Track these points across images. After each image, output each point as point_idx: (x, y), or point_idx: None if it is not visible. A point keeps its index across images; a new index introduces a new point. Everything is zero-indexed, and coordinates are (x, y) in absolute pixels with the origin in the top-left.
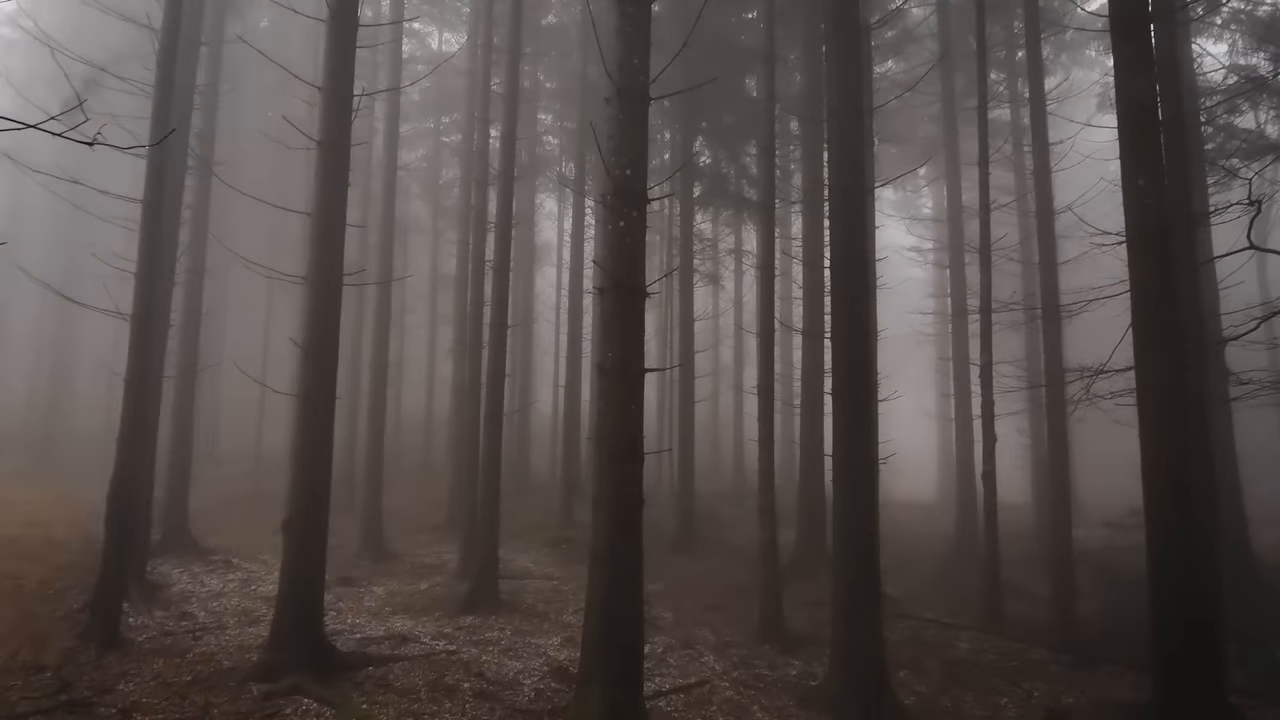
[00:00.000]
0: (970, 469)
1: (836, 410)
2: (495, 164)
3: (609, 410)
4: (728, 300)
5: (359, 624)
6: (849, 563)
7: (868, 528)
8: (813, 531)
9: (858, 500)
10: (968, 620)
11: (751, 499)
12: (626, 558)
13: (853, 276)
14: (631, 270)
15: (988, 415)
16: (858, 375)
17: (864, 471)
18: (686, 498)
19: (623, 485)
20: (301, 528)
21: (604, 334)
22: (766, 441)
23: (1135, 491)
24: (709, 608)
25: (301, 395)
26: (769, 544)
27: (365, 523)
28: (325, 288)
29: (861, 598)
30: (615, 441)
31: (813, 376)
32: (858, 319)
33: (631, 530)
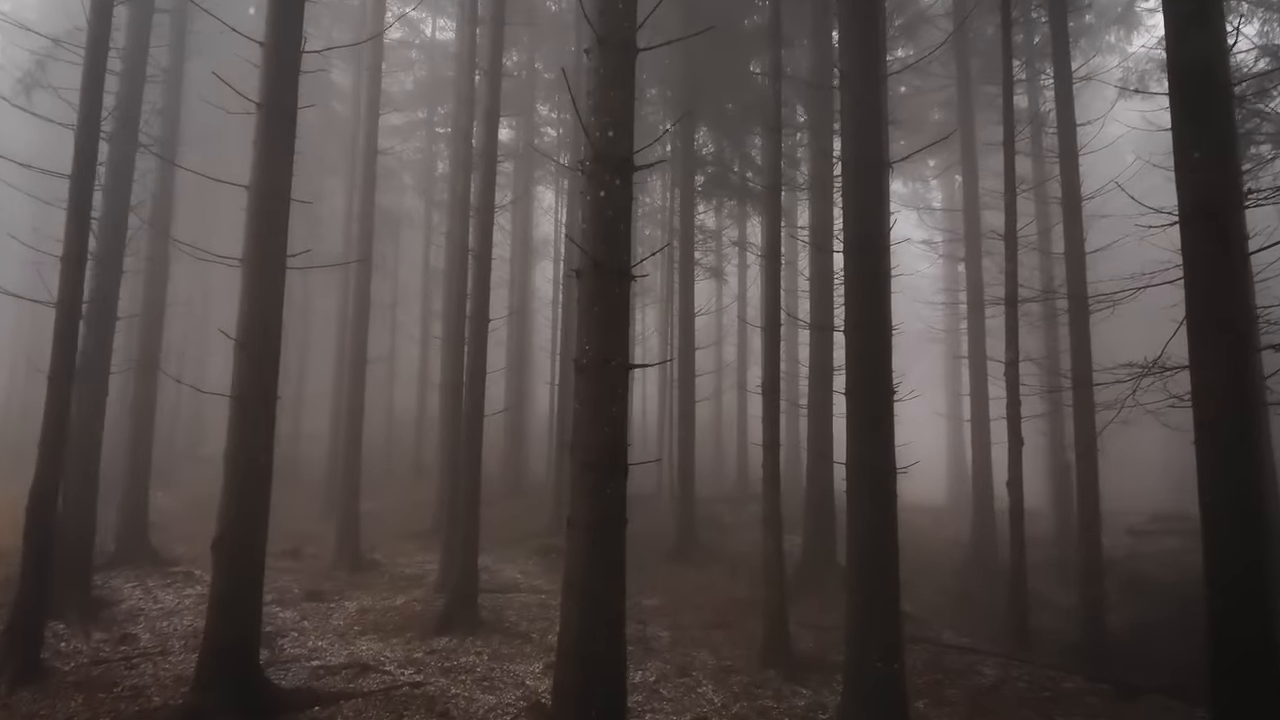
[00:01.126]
0: (987, 473)
1: (850, 411)
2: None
3: (586, 413)
4: (731, 295)
5: (319, 649)
6: (864, 585)
7: (885, 544)
8: (821, 537)
9: (874, 514)
10: (991, 639)
11: (756, 502)
12: (605, 590)
13: (868, 260)
14: (613, 248)
15: (1013, 417)
16: (873, 371)
17: (881, 480)
18: (687, 502)
19: (601, 503)
20: (233, 547)
21: (581, 324)
22: (772, 445)
23: (1157, 495)
24: (709, 625)
25: (236, 395)
26: (774, 558)
27: (341, 530)
28: (265, 272)
29: (878, 624)
30: (592, 450)
31: (821, 374)
32: (873, 307)
33: (611, 557)
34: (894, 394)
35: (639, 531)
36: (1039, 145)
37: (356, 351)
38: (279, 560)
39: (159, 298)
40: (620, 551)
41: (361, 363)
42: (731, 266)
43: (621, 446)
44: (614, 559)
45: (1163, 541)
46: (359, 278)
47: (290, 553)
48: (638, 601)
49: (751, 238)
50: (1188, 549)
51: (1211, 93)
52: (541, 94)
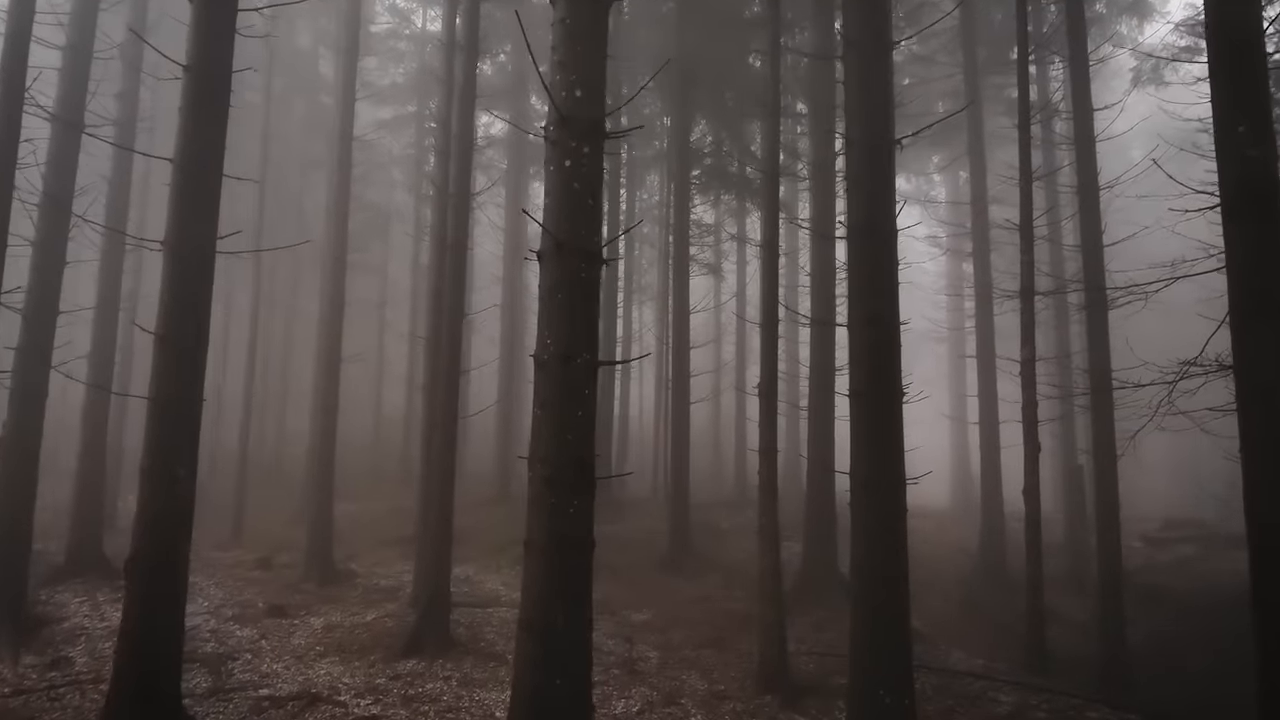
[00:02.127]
0: (996, 477)
1: (855, 416)
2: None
3: (546, 418)
4: (730, 293)
5: (271, 675)
6: (869, 610)
7: (892, 566)
8: (822, 545)
9: (881, 532)
10: (1004, 658)
11: (754, 507)
12: (568, 628)
13: (874, 247)
14: (580, 227)
15: (1029, 419)
16: (880, 369)
17: (888, 495)
18: (680, 507)
19: (563, 524)
20: (149, 568)
21: (542, 313)
22: (769, 451)
23: (1170, 500)
24: (702, 642)
25: (155, 397)
26: (770, 573)
27: (313, 538)
28: (190, 256)
29: (885, 653)
30: (553, 462)
31: (822, 374)
32: (880, 299)
33: (575, 589)
34: (903, 395)
35: (631, 539)
36: (1049, 134)
37: (330, 347)
38: (249, 570)
39: (113, 293)
40: (585, 582)
41: (335, 359)
42: (730, 264)
43: (588, 457)
44: (578, 591)
45: (1178, 549)
46: (333, 270)
47: (261, 562)
48: (626, 617)
49: (751, 234)
50: (1204, 557)
51: (1256, 59)
52: (534, 85)
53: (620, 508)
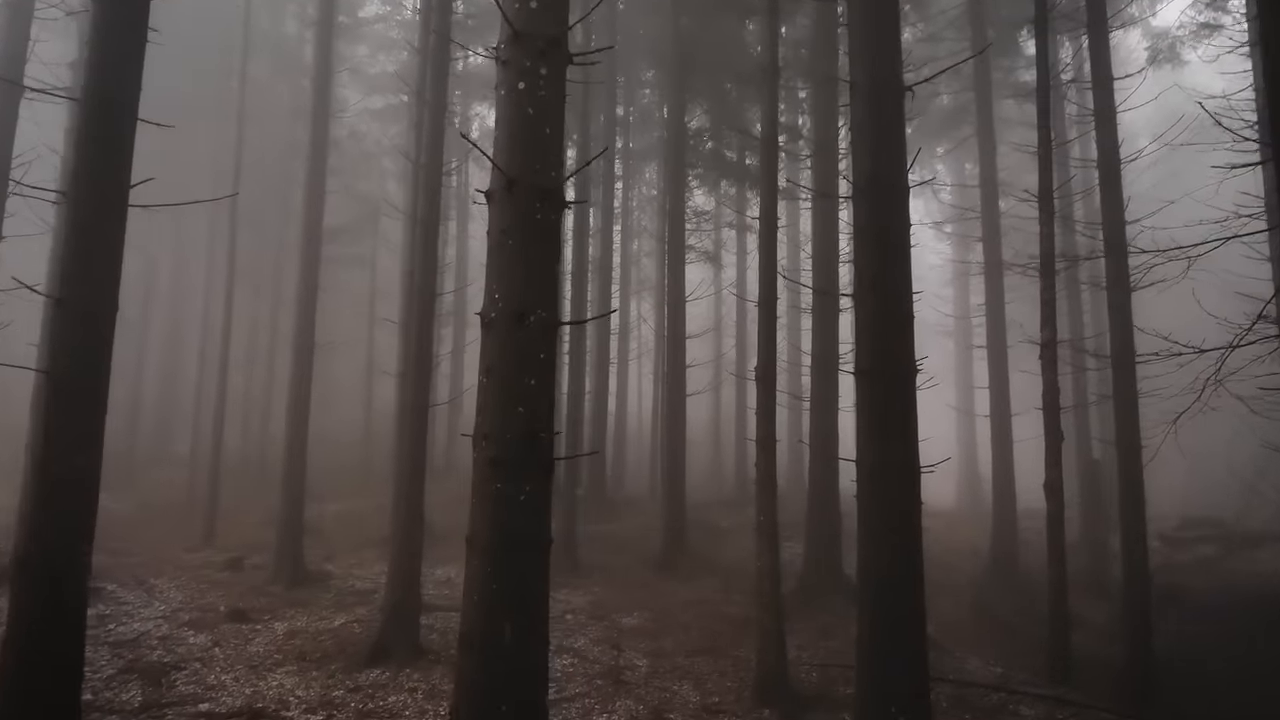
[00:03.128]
0: (1008, 472)
1: (861, 396)
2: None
3: (493, 387)
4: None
5: (217, 687)
6: (879, 616)
7: (906, 565)
8: (825, 546)
9: (892, 526)
10: (1022, 666)
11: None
12: (516, 644)
13: (884, 204)
14: (535, 160)
15: (1051, 405)
16: (890, 344)
17: (899, 484)
18: (675, 504)
19: (512, 515)
20: (41, 570)
21: (491, 264)
22: (767, 441)
23: (1187, 498)
24: (696, 649)
25: (50, 369)
26: (770, 575)
27: (282, 538)
28: (96, 206)
29: (897, 666)
30: (501, 441)
31: (825, 358)
32: (890, 263)
33: (526, 595)
34: (917, 372)
35: (624, 538)
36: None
37: (304, 332)
38: (216, 572)
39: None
40: (538, 587)
41: (309, 346)
42: (730, 255)
43: (544, 435)
44: (529, 598)
45: (1198, 549)
46: (306, 253)
47: (230, 563)
48: (614, 621)
49: (751, 222)
50: (1222, 557)
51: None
52: None
53: (615, 507)
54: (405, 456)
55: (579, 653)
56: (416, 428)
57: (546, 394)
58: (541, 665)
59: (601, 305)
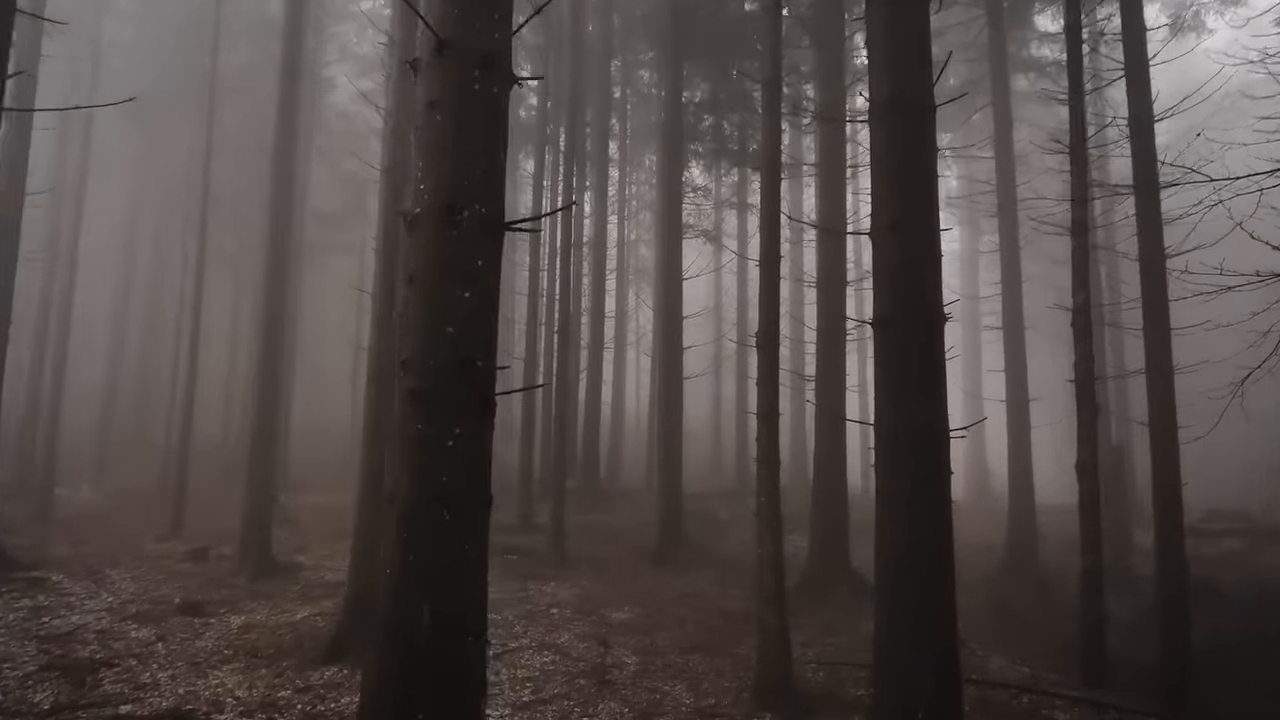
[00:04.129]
0: (1025, 461)
1: (881, 349)
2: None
3: (418, 301)
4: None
5: (149, 685)
6: (901, 605)
7: (934, 543)
8: (831, 536)
9: (917, 499)
10: (1048, 664)
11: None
12: (438, 630)
13: (907, 126)
14: (474, 17)
15: (1085, 376)
16: (912, 287)
17: (926, 450)
18: (671, 494)
19: (439, 465)
20: None
21: (418, 147)
22: (769, 415)
23: (1212, 490)
24: (690, 646)
25: None
26: (771, 564)
27: (248, 527)
28: None
29: (923, 666)
30: (423, 368)
31: (832, 332)
32: (916, 194)
33: (454, 567)
34: (946, 319)
35: (618, 529)
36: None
37: (271, 311)
38: (178, 563)
39: (7, 269)
40: (473, 559)
41: (277, 325)
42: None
43: (482, 363)
44: (460, 571)
45: (1223, 543)
46: (275, 220)
47: (195, 554)
48: (604, 616)
49: (751, 200)
50: (1253, 551)
51: None
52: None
53: (609, 497)
54: (370, 443)
55: (562, 649)
56: (371, 394)
57: (485, 312)
58: (474, 662)
59: (595, 288)
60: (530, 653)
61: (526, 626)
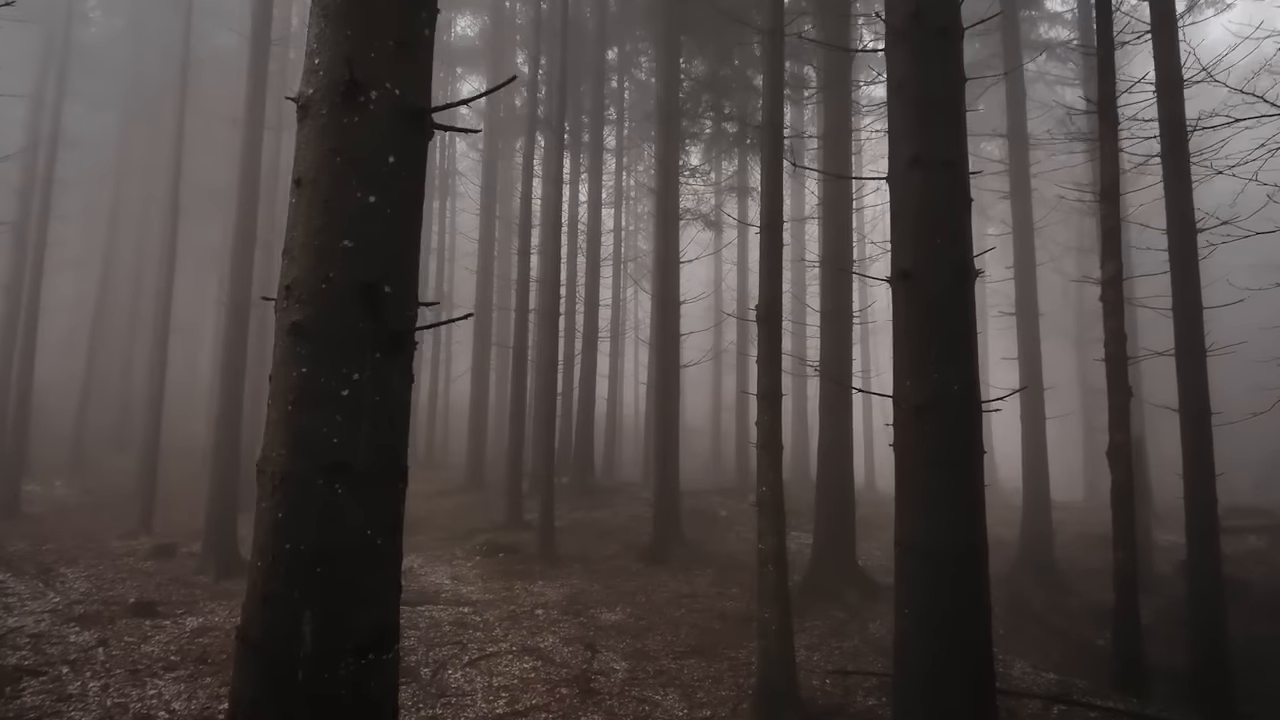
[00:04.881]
0: (1040, 454)
1: (902, 309)
2: None
3: (304, 204)
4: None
5: (76, 696)
6: (925, 607)
7: (961, 535)
8: (838, 531)
9: (944, 481)
10: (1070, 668)
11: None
12: (323, 642)
13: (930, 49)
14: None
15: (1116, 355)
16: (942, 235)
17: (953, 423)
18: (667, 489)
19: (322, 416)
20: None
21: (312, 18)
22: (771, 395)
23: (1231, 486)
24: (685, 651)
25: None
26: (773, 560)
27: (211, 523)
28: None
29: (952, 674)
30: (312, 292)
31: (837, 312)
32: (941, 128)
33: (348, 558)
34: (978, 274)
35: (611, 526)
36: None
37: (237, 290)
38: (141, 560)
39: None
40: (381, 548)
41: (244, 305)
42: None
43: (391, 289)
44: (356, 563)
45: (1246, 541)
46: (242, 200)
47: (160, 550)
48: (593, 617)
49: (752, 184)
50: (1273, 547)
51: None
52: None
53: (604, 494)
54: (230, 394)
55: (544, 654)
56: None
57: (399, 225)
58: (379, 687)
59: (590, 278)
60: (509, 658)
61: (508, 629)
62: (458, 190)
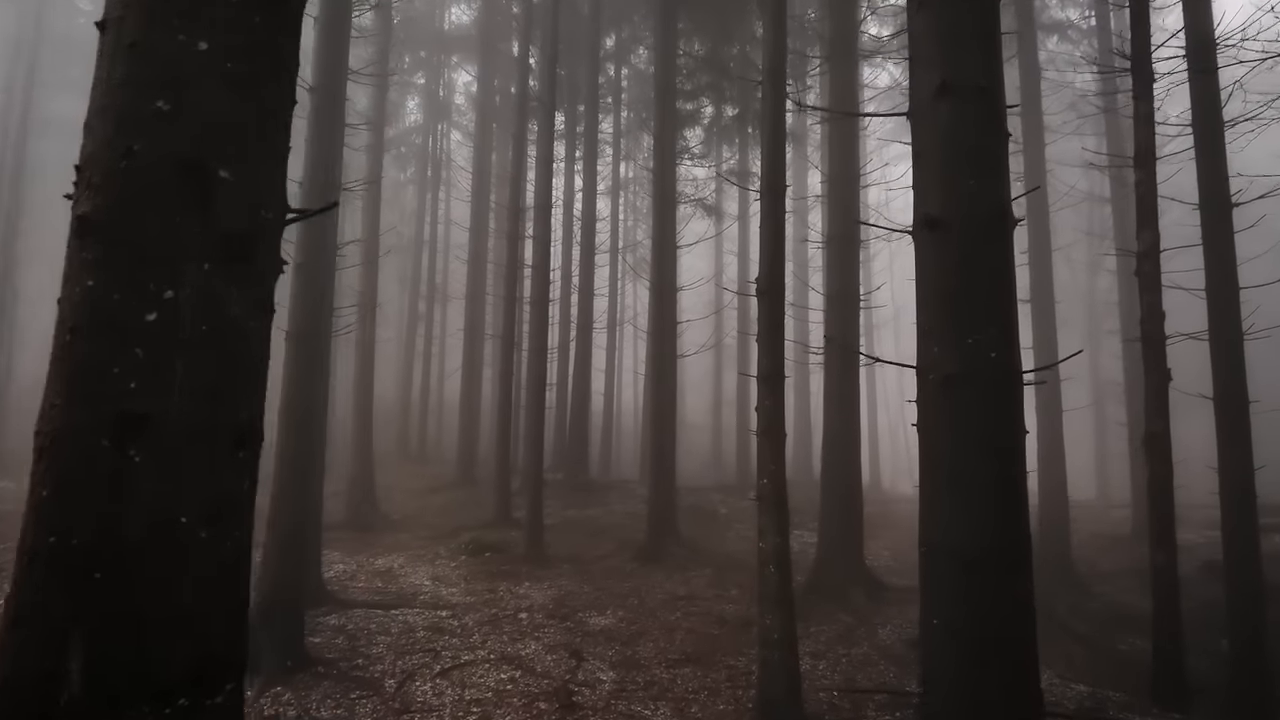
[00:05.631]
0: (1057, 445)
1: (928, 262)
2: None
3: (112, 55)
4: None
5: None
6: (957, 615)
7: (1001, 529)
8: (844, 529)
9: (979, 462)
10: (1108, 682)
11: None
12: (87, 679)
13: None
14: None
15: (1154, 335)
16: (973, 176)
17: (992, 394)
18: (663, 484)
19: (111, 360)
20: None
21: None
22: (773, 377)
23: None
24: (679, 659)
25: None
26: (776, 558)
27: None
28: None
29: (990, 695)
30: (103, 175)
31: (845, 294)
32: (973, 39)
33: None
34: (1017, 222)
35: (605, 524)
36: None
37: None
38: None
39: None
40: (210, 539)
41: None
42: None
43: (234, 178)
44: (168, 554)
45: (1274, 539)
46: None
47: None
48: (581, 621)
49: (752, 168)
50: None
51: None
52: None
53: (599, 491)
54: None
55: (525, 663)
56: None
57: (240, 85)
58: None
59: (584, 264)
60: (486, 668)
61: (487, 635)
62: (453, 182)
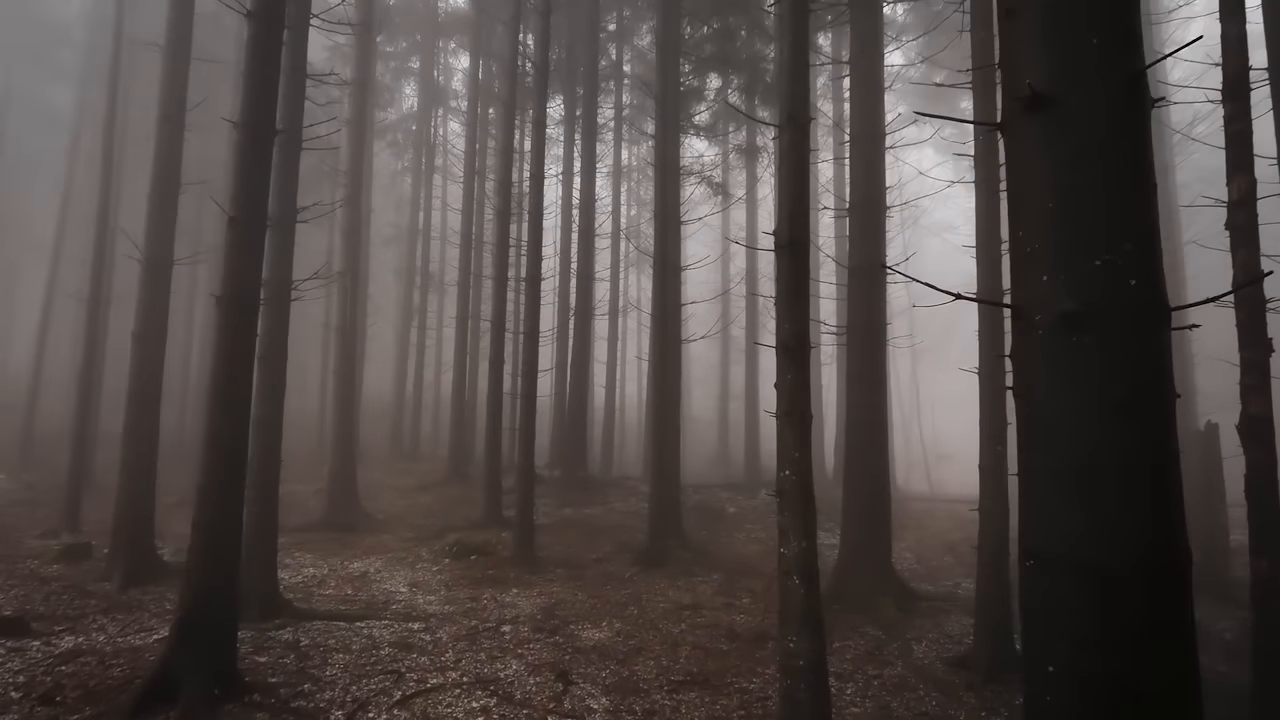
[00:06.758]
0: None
1: (1021, 158)
2: None
3: None
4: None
5: None
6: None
7: (1166, 533)
8: (871, 529)
9: (1116, 432)
10: None
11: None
12: None
13: None
14: None
15: (1253, 301)
16: (1096, 33)
17: (1130, 340)
18: (666, 481)
19: None
20: None
21: None
22: (796, 348)
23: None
24: (683, 681)
25: None
26: (800, 567)
27: (121, 523)
28: None
29: None
30: None
31: (868, 270)
32: None
33: None
34: (1153, 99)
35: (605, 525)
36: None
37: (155, 246)
38: (48, 563)
39: None
40: None
41: (165, 264)
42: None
43: None
44: None
45: None
46: (163, 130)
47: (74, 551)
48: (572, 635)
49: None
50: None
51: None
52: None
53: (599, 489)
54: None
55: (502, 688)
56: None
57: None
58: None
59: (584, 251)
60: (455, 694)
61: (462, 652)
62: (449, 169)
